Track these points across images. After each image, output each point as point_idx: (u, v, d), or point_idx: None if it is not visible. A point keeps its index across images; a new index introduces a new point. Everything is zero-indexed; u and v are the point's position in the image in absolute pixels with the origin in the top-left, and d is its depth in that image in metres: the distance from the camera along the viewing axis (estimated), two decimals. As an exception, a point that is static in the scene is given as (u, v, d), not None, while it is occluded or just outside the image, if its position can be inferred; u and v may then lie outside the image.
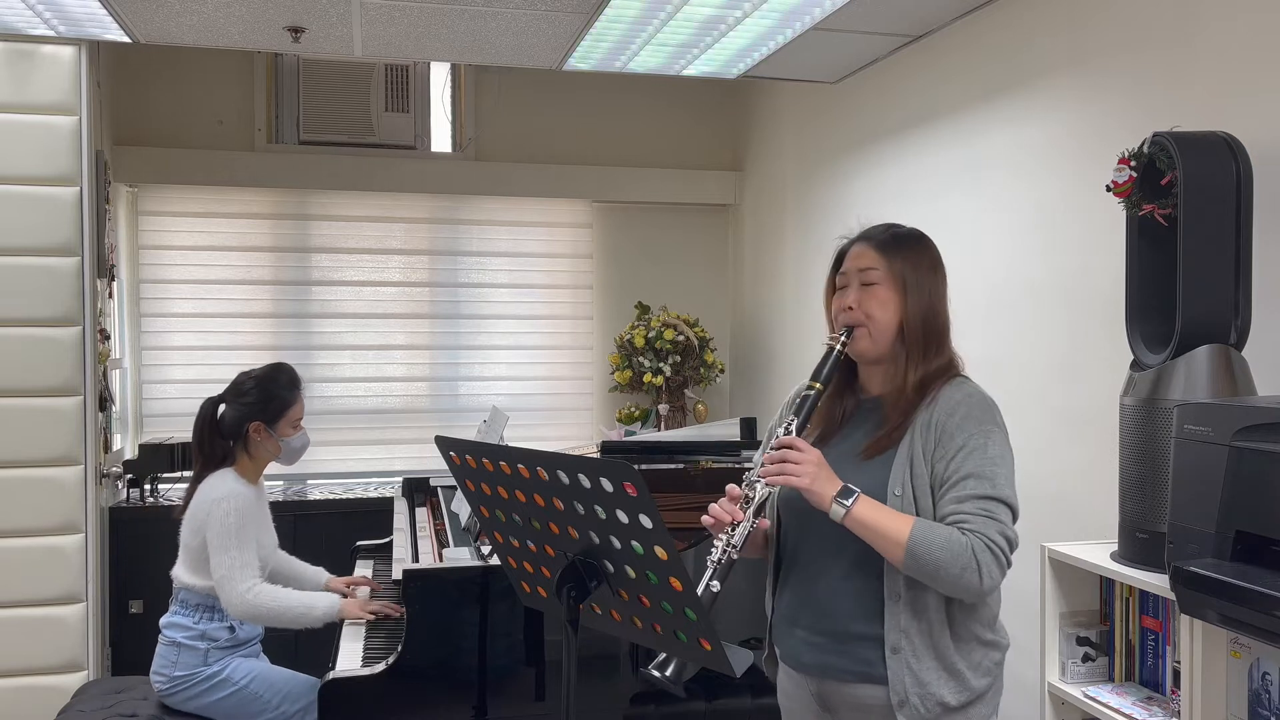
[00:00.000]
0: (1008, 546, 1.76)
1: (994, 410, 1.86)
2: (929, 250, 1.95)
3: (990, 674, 1.87)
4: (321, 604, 2.87)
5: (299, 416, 3.03)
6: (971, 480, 1.78)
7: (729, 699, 2.94)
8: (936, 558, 1.73)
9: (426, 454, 4.95)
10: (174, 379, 4.78)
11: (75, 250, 3.80)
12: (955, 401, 1.84)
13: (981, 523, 1.75)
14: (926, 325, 1.89)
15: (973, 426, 1.81)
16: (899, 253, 1.91)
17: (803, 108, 4.50)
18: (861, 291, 1.90)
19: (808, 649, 1.91)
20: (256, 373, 3.01)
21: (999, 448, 1.82)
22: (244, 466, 2.97)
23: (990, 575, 1.74)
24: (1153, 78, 2.48)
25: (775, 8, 3.11)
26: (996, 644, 1.89)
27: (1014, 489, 1.82)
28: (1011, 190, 3.03)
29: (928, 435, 1.83)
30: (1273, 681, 1.85)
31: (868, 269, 1.91)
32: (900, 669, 1.81)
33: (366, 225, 5.00)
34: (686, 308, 5.14)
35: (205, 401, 2.98)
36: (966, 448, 1.80)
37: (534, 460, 1.57)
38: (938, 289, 1.93)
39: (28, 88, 3.75)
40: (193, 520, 2.88)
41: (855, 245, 1.96)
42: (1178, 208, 1.98)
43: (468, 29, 3.36)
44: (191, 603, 2.88)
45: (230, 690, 2.83)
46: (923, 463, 1.83)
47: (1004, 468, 1.81)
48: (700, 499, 3.25)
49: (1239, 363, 1.98)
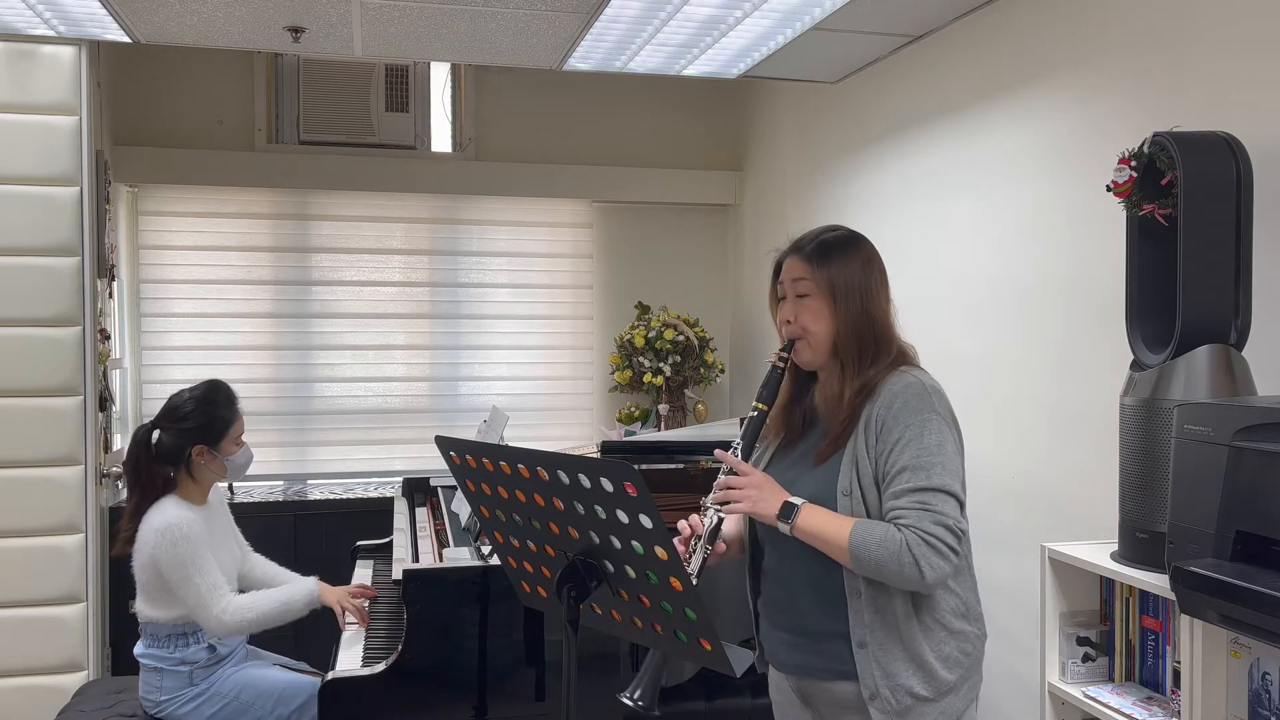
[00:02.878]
0: (948, 535, 1.77)
1: (930, 397, 1.86)
2: (859, 253, 1.95)
3: (961, 665, 1.88)
4: (300, 596, 2.86)
5: (240, 433, 2.96)
6: (907, 473, 1.80)
7: (729, 699, 2.94)
8: (875, 556, 1.76)
9: (426, 454, 4.95)
10: (174, 379, 4.76)
11: (75, 250, 3.80)
12: (893, 394, 1.86)
13: (915, 516, 1.77)
14: (860, 333, 1.91)
15: (908, 417, 1.83)
16: (826, 263, 1.92)
17: (803, 108, 4.50)
18: (796, 304, 1.94)
19: (785, 649, 1.97)
20: (191, 393, 2.92)
21: (936, 435, 1.82)
22: (187, 490, 2.88)
23: (932, 567, 1.76)
24: (1153, 78, 2.48)
25: (775, 8, 3.11)
26: (967, 634, 1.90)
27: (954, 474, 1.82)
28: (1011, 190, 3.03)
29: (869, 430, 1.86)
30: (1273, 681, 1.85)
31: (798, 280, 1.94)
32: (868, 663, 1.84)
33: (366, 225, 5.00)
34: (686, 308, 5.14)
35: (137, 429, 2.89)
36: (903, 439, 1.82)
37: (534, 460, 1.57)
38: (870, 292, 1.93)
39: (28, 88, 3.75)
40: (140, 556, 2.81)
41: (787, 258, 1.98)
42: (1178, 208, 1.98)
43: (468, 29, 3.36)
44: (161, 635, 2.84)
45: (221, 705, 2.83)
46: (867, 460, 1.85)
47: (941, 455, 1.81)
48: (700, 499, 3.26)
49: (1239, 363, 1.98)
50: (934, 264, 3.41)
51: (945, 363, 3.32)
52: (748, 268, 5.17)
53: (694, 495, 3.29)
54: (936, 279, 3.39)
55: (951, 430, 1.87)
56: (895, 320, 1.98)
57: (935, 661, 1.85)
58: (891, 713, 1.84)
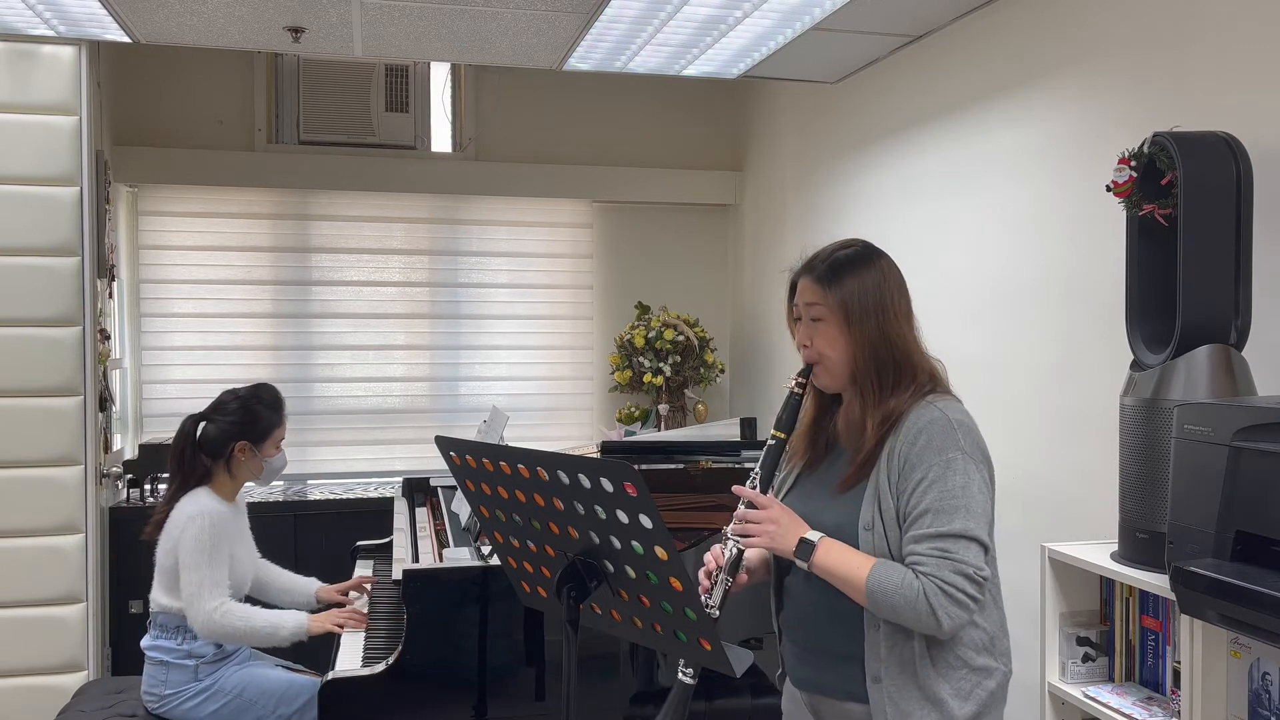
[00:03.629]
0: (967, 584, 1.69)
1: (957, 433, 1.77)
2: (874, 271, 1.85)
3: (980, 702, 1.79)
4: (289, 624, 2.85)
5: (282, 437, 3.03)
6: (929, 516, 1.72)
7: (729, 699, 2.94)
8: (893, 603, 1.71)
9: (426, 454, 4.95)
10: (174, 379, 4.78)
11: (75, 250, 3.80)
12: (918, 429, 1.77)
13: (935, 564, 1.70)
14: (879, 358, 1.81)
15: (931, 456, 1.75)
16: (838, 285, 1.83)
17: (803, 108, 4.50)
18: (811, 328, 1.86)
19: (799, 665, 1.94)
20: (242, 392, 2.99)
21: (961, 476, 1.74)
22: (221, 485, 2.93)
23: (949, 616, 1.69)
24: (1153, 78, 2.48)
25: (775, 8, 3.11)
26: (990, 670, 1.81)
27: (978, 517, 1.73)
28: (1011, 190, 3.03)
29: (892, 466, 1.78)
30: (1273, 681, 1.85)
31: (812, 304, 1.85)
32: (881, 698, 1.78)
33: (366, 225, 5.00)
34: (686, 308, 5.14)
35: (186, 419, 2.95)
36: (925, 480, 1.74)
37: (534, 460, 1.57)
38: (888, 313, 1.83)
39: (28, 88, 3.75)
40: (168, 540, 2.85)
41: (801, 278, 1.89)
42: (1178, 208, 1.98)
43: (468, 29, 3.36)
44: (170, 625, 2.85)
45: (223, 701, 2.83)
46: (890, 496, 1.77)
47: (965, 498, 1.73)
48: (700, 499, 3.26)
49: (1239, 363, 1.98)
50: (934, 264, 3.41)
51: (945, 363, 3.31)
52: (748, 268, 5.17)
53: (694, 495, 3.30)
54: (936, 279, 3.39)
55: (979, 468, 1.77)
56: (919, 340, 1.88)
57: (951, 699, 1.77)
58: None
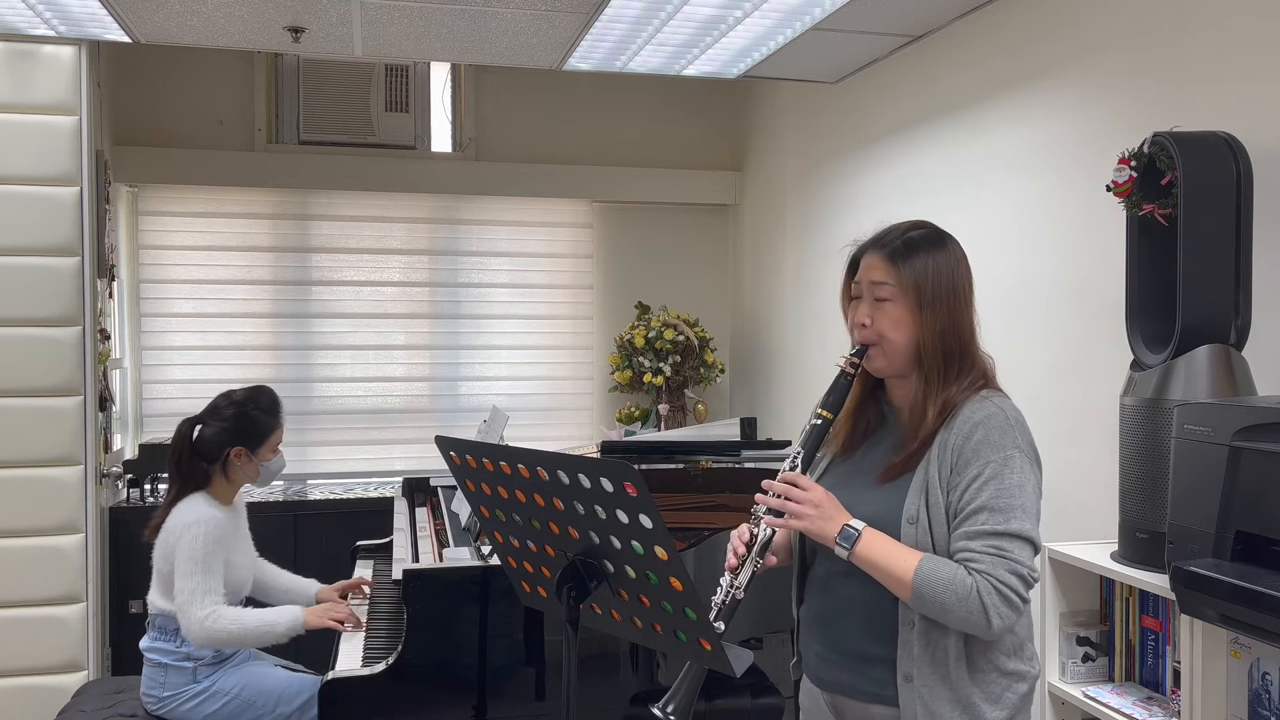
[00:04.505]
0: (1020, 585, 1.65)
1: (1014, 430, 1.72)
2: (949, 255, 1.78)
3: (1010, 706, 1.75)
4: (284, 620, 2.83)
5: (279, 441, 3.00)
6: (984, 514, 1.67)
7: (729, 699, 2.94)
8: (942, 599, 1.65)
9: (426, 454, 4.95)
10: (174, 379, 4.78)
11: (75, 250, 3.80)
12: (974, 423, 1.71)
13: (990, 563, 1.64)
14: (946, 345, 1.75)
15: (989, 452, 1.69)
16: (912, 264, 1.75)
17: (803, 108, 4.50)
18: (874, 307, 1.77)
19: (823, 664, 1.87)
20: (238, 396, 2.97)
21: (1019, 474, 1.69)
22: (218, 489, 2.91)
23: (1000, 616, 1.64)
24: (1153, 78, 2.48)
25: (775, 8, 3.11)
26: (1021, 674, 1.76)
27: (1033, 518, 1.69)
28: (1011, 190, 3.03)
29: (944, 459, 1.72)
30: (1273, 681, 1.85)
31: (879, 283, 1.76)
32: (912, 698, 1.73)
33: (366, 225, 5.00)
34: (686, 308, 5.14)
35: (182, 423, 2.93)
36: (982, 476, 1.68)
37: (534, 460, 1.57)
38: (958, 300, 1.77)
39: (28, 88, 3.75)
40: (164, 545, 2.83)
41: (868, 254, 1.80)
42: (1178, 208, 1.98)
43: (468, 29, 3.36)
44: (169, 628, 2.83)
45: (223, 702, 2.82)
46: (939, 490, 1.72)
47: (1022, 497, 1.68)
48: (700, 499, 3.26)
49: (1239, 363, 1.98)
50: (934, 264, 3.41)
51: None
52: (748, 268, 5.17)
53: (694, 495, 3.30)
54: (936, 279, 3.38)
55: (1034, 468, 1.73)
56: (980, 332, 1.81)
57: (982, 704, 1.73)
58: None
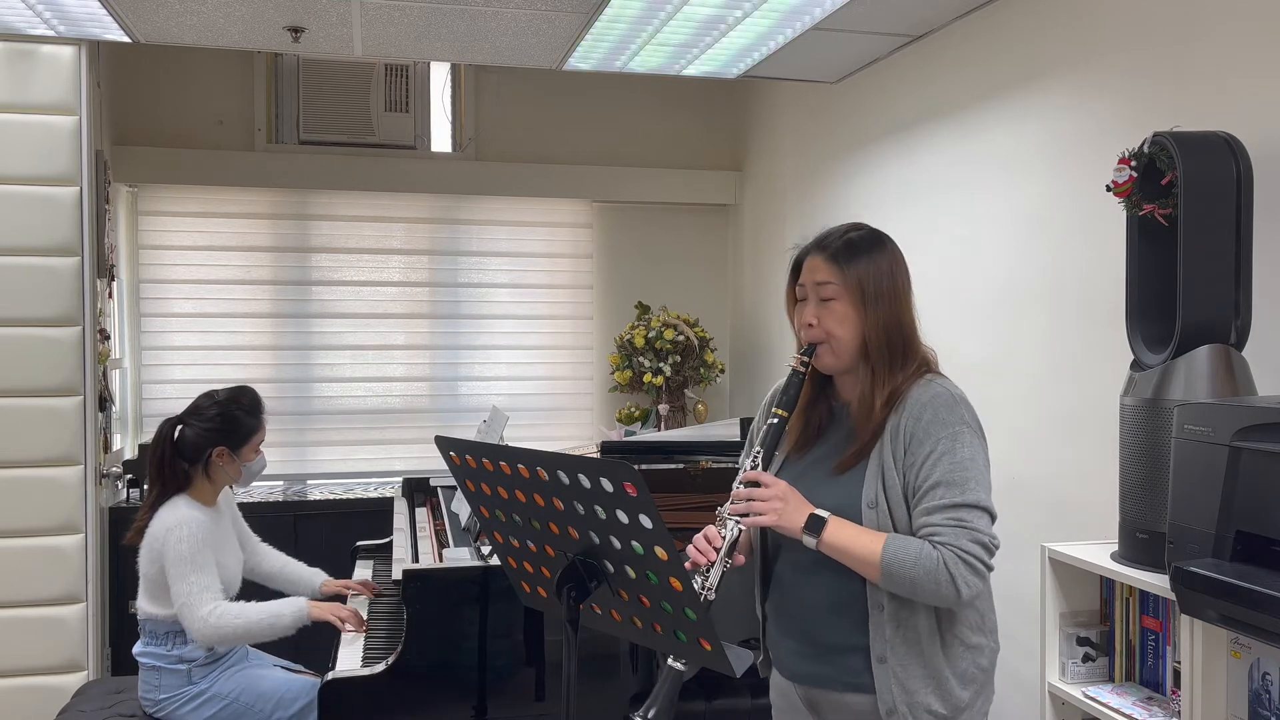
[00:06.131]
0: (983, 552, 1.73)
1: (961, 407, 1.81)
2: (887, 254, 1.87)
3: (976, 681, 1.84)
4: (289, 610, 2.83)
5: (261, 440, 3.00)
6: (940, 488, 1.75)
7: (729, 699, 2.94)
8: (910, 575, 1.72)
9: (426, 454, 4.95)
10: (174, 379, 4.78)
11: (75, 250, 3.80)
12: (922, 404, 1.80)
13: (953, 533, 1.72)
14: (890, 337, 1.84)
15: (939, 430, 1.77)
16: (854, 264, 1.84)
17: (803, 108, 4.50)
18: (820, 307, 1.85)
19: (795, 658, 1.91)
20: (221, 396, 2.95)
21: (969, 449, 1.77)
22: (200, 490, 2.90)
23: (967, 584, 1.72)
24: (1153, 78, 2.48)
25: (775, 8, 3.11)
26: (983, 648, 1.85)
27: (987, 488, 1.78)
28: (1011, 190, 3.03)
29: (897, 442, 1.80)
30: (1273, 681, 1.85)
31: (823, 283, 1.85)
32: (887, 678, 1.79)
33: (366, 225, 5.00)
34: (686, 308, 5.14)
35: (163, 423, 2.91)
36: (935, 453, 1.76)
37: (534, 460, 1.57)
38: (899, 295, 1.86)
39: (28, 88, 3.75)
40: (149, 550, 2.82)
41: (810, 256, 1.89)
42: (1178, 208, 1.98)
43: (468, 29, 3.36)
44: (160, 632, 2.83)
45: (220, 706, 2.82)
46: (895, 472, 1.80)
47: (974, 470, 1.76)
48: (700, 499, 3.26)
49: (1239, 363, 1.98)
50: (934, 264, 3.41)
51: (944, 362, 3.30)
52: (748, 268, 5.17)
53: (694, 495, 3.30)
54: (936, 279, 3.39)
55: (981, 441, 1.81)
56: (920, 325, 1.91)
57: (953, 679, 1.80)
58: None
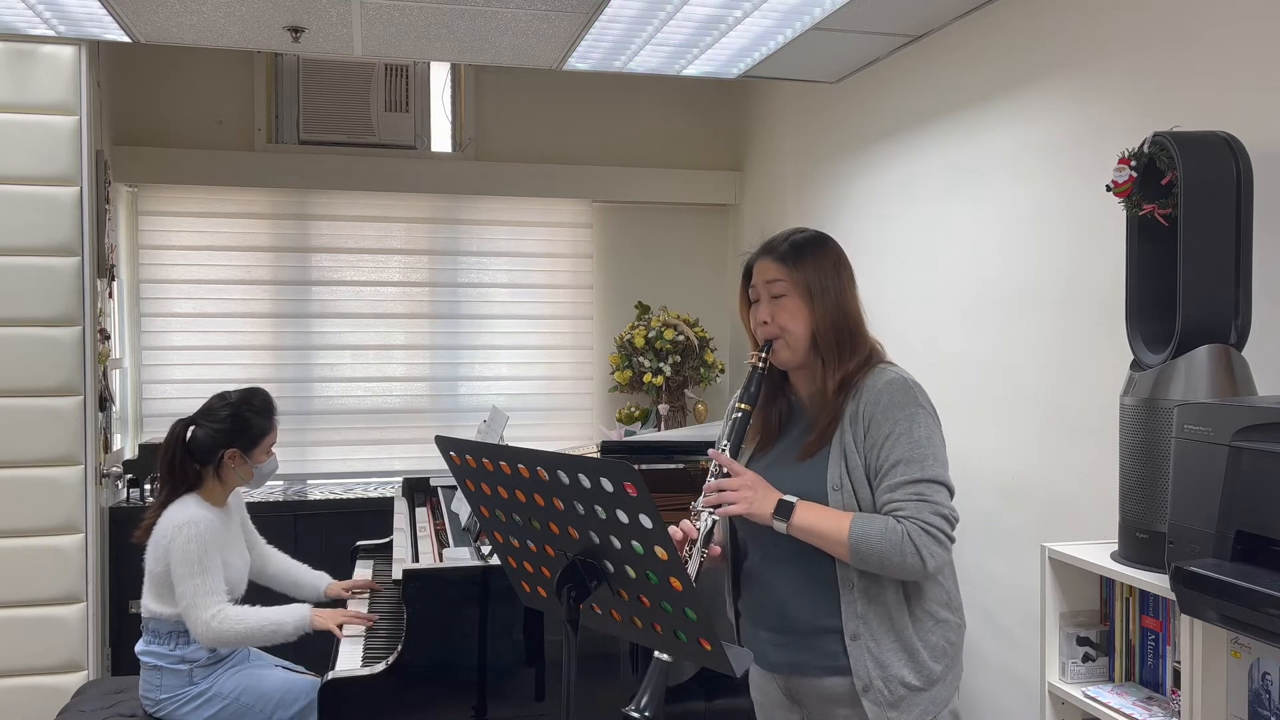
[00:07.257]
0: (945, 524, 1.85)
1: (915, 391, 1.93)
2: (830, 252, 2.02)
3: (947, 655, 1.95)
4: (291, 619, 2.83)
5: (273, 442, 3.01)
6: (901, 466, 1.87)
7: (728, 699, 2.94)
8: (878, 549, 1.82)
9: (426, 454, 4.95)
10: (174, 379, 4.78)
11: (75, 250, 3.80)
12: (878, 390, 1.92)
13: (915, 507, 1.84)
14: (838, 328, 1.97)
15: (896, 412, 1.90)
16: (800, 262, 1.98)
17: (803, 108, 4.50)
18: (772, 305, 1.98)
19: (773, 649, 1.99)
20: (233, 397, 2.96)
21: (924, 428, 1.89)
22: (210, 491, 2.91)
23: (932, 555, 1.83)
24: (1153, 78, 2.48)
25: (775, 8, 3.11)
26: (950, 623, 1.96)
27: (944, 464, 1.90)
28: (1011, 190, 3.03)
29: (856, 426, 1.92)
30: (1273, 681, 1.85)
31: (773, 281, 1.98)
32: (861, 654, 1.89)
33: (366, 225, 5.00)
34: (686, 308, 5.14)
35: (175, 423, 2.93)
36: (893, 434, 1.88)
37: (534, 460, 1.57)
38: (844, 289, 2.00)
39: (28, 88, 3.76)
40: (156, 548, 2.83)
41: (759, 260, 2.02)
42: (1178, 208, 1.98)
43: (468, 29, 3.36)
44: (163, 631, 2.84)
45: (221, 705, 2.82)
46: (856, 454, 1.91)
47: (931, 447, 1.89)
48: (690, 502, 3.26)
49: (1239, 363, 1.98)
50: (934, 264, 3.41)
51: (945, 362, 3.32)
52: (748, 268, 5.16)
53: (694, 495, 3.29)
54: (936, 279, 3.39)
55: (936, 422, 1.94)
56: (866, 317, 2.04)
57: (924, 650, 1.91)
58: (884, 704, 1.88)
